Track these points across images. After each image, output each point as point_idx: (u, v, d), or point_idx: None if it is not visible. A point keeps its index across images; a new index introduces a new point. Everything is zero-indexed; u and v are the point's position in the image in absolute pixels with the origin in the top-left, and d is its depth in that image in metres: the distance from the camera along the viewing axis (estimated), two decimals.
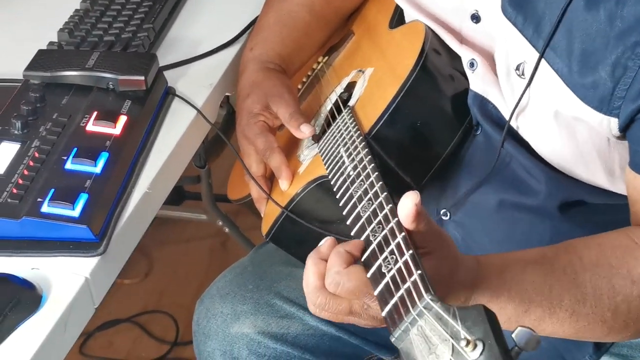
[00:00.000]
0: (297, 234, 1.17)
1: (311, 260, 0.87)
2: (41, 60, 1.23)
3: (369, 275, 0.82)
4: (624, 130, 0.97)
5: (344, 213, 0.94)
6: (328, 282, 0.85)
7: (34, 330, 0.93)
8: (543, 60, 1.00)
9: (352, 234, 0.90)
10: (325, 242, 0.88)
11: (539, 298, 0.92)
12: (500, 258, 0.95)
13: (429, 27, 1.14)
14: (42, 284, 0.98)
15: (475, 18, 1.09)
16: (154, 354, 2.09)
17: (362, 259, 0.85)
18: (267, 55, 1.30)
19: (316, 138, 1.23)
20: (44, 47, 1.31)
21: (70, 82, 1.21)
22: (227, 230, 2.01)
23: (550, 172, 1.07)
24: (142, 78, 1.19)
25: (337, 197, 0.99)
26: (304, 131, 1.19)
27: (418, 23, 1.16)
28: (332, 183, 1.04)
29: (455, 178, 1.14)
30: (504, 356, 0.67)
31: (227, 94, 1.34)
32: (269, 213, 1.21)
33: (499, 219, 1.13)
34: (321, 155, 1.13)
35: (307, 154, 1.20)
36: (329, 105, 1.25)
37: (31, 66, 1.22)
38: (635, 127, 0.95)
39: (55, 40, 1.35)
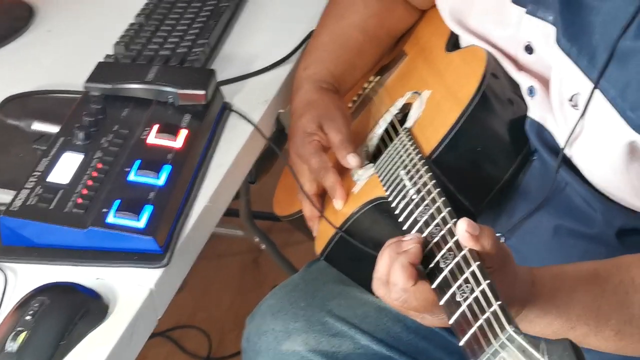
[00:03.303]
0: (352, 254, 1.17)
1: (389, 250, 0.90)
2: (101, 72, 1.24)
3: (442, 302, 0.83)
4: None
5: (404, 242, 0.94)
6: (394, 298, 0.88)
7: (101, 340, 0.93)
8: (597, 91, 1.00)
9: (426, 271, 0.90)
10: (413, 239, 0.91)
11: (586, 317, 0.93)
12: (553, 274, 0.95)
13: (490, 52, 1.15)
14: (107, 294, 0.98)
15: (529, 49, 1.10)
16: None
17: (428, 276, 0.87)
18: (321, 74, 1.31)
19: (369, 158, 1.23)
20: (100, 60, 1.31)
21: (130, 95, 1.21)
22: (263, 247, 2.01)
23: (605, 200, 1.07)
24: (203, 92, 1.20)
25: (400, 220, 1.00)
26: (350, 162, 1.19)
27: (478, 48, 1.17)
28: (392, 206, 1.04)
29: (511, 203, 1.14)
30: None
31: (280, 110, 1.34)
32: (323, 232, 1.21)
33: (554, 244, 1.13)
34: (379, 176, 1.13)
35: (362, 174, 1.20)
36: (382, 125, 1.25)
37: (92, 78, 1.23)
38: None
39: (112, 53, 1.36)
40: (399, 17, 1.38)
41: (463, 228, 0.84)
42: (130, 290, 0.99)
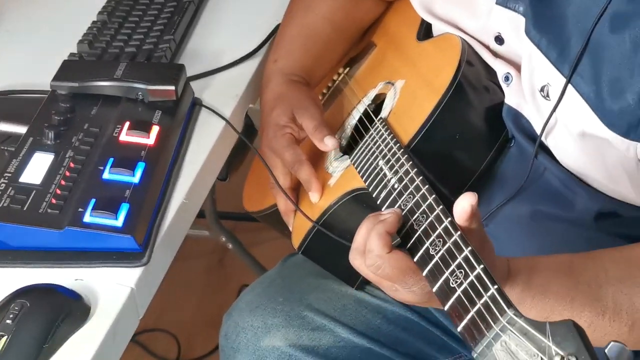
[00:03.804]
0: (330, 246, 1.16)
1: (367, 222, 0.92)
2: (67, 70, 1.21)
3: (435, 289, 0.83)
4: None
5: (383, 211, 0.95)
6: (369, 263, 0.90)
7: (84, 342, 0.91)
8: (570, 85, 1.00)
9: (407, 247, 0.90)
10: (391, 210, 0.93)
11: (560, 308, 0.93)
12: (528, 264, 0.95)
13: (464, 40, 1.14)
14: (88, 295, 0.96)
15: (499, 40, 1.10)
16: None
17: (416, 259, 0.87)
18: (291, 67, 1.30)
19: (342, 149, 1.22)
20: (65, 59, 1.28)
21: (98, 92, 1.19)
22: (230, 246, 1.99)
23: (584, 185, 1.08)
24: (173, 88, 1.18)
25: (383, 210, 0.99)
26: (328, 144, 1.18)
27: (452, 35, 1.16)
28: (374, 196, 1.03)
29: (489, 190, 1.14)
30: None
31: (250, 105, 1.33)
32: (299, 226, 1.20)
33: (533, 229, 1.13)
34: (356, 167, 1.12)
35: (337, 166, 1.19)
36: (355, 116, 1.24)
37: (58, 77, 1.20)
38: None
39: (75, 51, 1.33)
40: (366, 8, 1.38)
41: (469, 203, 0.84)
42: (111, 290, 0.97)
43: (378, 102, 1.23)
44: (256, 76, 1.34)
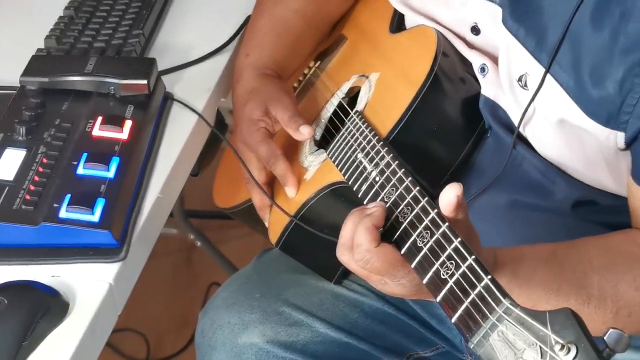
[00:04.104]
0: (308, 241, 1.15)
1: (353, 216, 0.92)
2: (36, 65, 1.19)
3: (425, 281, 0.83)
4: (630, 144, 0.98)
5: (368, 207, 0.94)
6: (357, 258, 0.89)
7: (64, 339, 0.90)
8: (548, 74, 1.00)
9: (393, 240, 0.90)
10: (376, 204, 0.92)
11: (547, 297, 0.93)
12: (513, 254, 0.95)
13: (439, 31, 1.14)
14: (66, 292, 0.94)
15: (475, 30, 1.10)
16: None
17: (403, 252, 0.87)
18: (263, 61, 1.29)
19: (317, 143, 1.21)
20: (32, 54, 1.27)
21: (69, 87, 1.17)
22: (199, 244, 1.98)
23: (562, 174, 1.08)
24: (145, 82, 1.17)
25: (365, 203, 0.99)
26: (303, 132, 1.17)
27: (427, 27, 1.16)
28: (354, 189, 1.02)
29: (466, 181, 1.13)
30: (599, 358, 0.67)
31: (221, 99, 1.32)
32: (276, 221, 1.19)
33: (511, 219, 1.13)
34: (333, 161, 1.12)
35: (313, 160, 1.18)
36: (329, 109, 1.24)
37: (27, 72, 1.18)
38: (639, 143, 0.96)
39: (43, 47, 1.31)
40: (337, 1, 1.37)
41: (455, 194, 0.83)
42: (89, 286, 0.96)
43: (352, 95, 1.23)
44: (227, 70, 1.32)
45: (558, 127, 1.02)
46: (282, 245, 1.17)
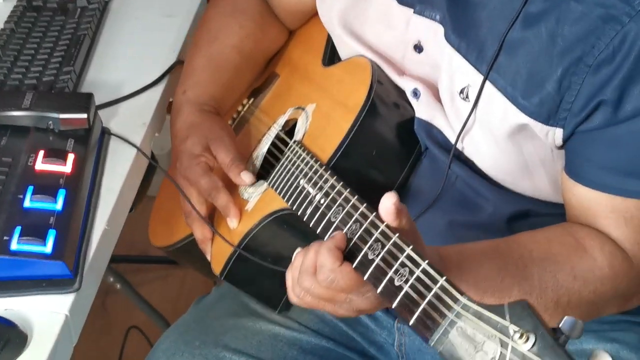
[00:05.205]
0: (253, 270, 1.17)
1: (314, 244, 0.93)
2: None
3: (379, 290, 0.86)
4: (566, 141, 1.04)
5: (326, 239, 0.96)
6: (322, 278, 0.91)
7: None
8: (488, 82, 1.05)
9: (344, 255, 0.92)
10: (337, 233, 0.94)
11: (492, 289, 0.98)
12: (457, 251, 1.00)
13: (373, 61, 1.18)
14: (22, 324, 0.93)
15: (418, 48, 1.14)
16: None
17: (354, 265, 0.90)
18: (201, 97, 1.30)
19: (256, 176, 1.23)
20: None
21: (6, 122, 1.16)
22: (118, 287, 1.96)
23: (495, 188, 1.13)
24: (85, 116, 1.17)
25: (312, 224, 1.01)
26: (245, 179, 1.19)
27: (360, 58, 1.20)
28: (299, 213, 1.05)
29: (406, 204, 1.17)
30: (557, 344, 0.70)
31: (155, 134, 1.32)
32: (219, 252, 1.20)
33: (448, 238, 1.16)
34: (275, 189, 1.14)
35: (253, 192, 1.20)
36: (267, 141, 1.26)
37: None
38: (575, 139, 1.03)
39: None
40: (272, 37, 1.39)
41: (391, 202, 0.86)
42: (46, 318, 0.95)
43: (287, 129, 1.25)
44: (160, 105, 1.33)
45: (498, 134, 1.06)
46: (227, 275, 1.18)
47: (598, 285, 1.01)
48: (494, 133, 1.07)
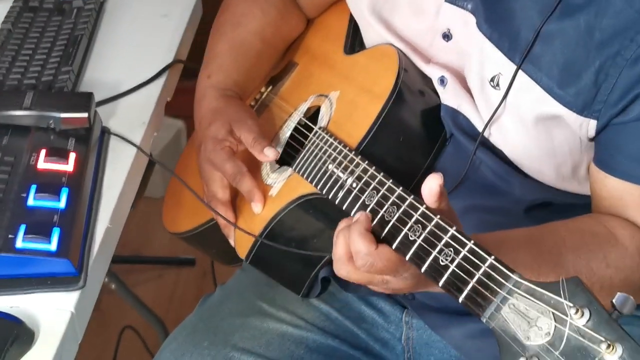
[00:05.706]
0: (279, 254, 1.18)
1: (342, 232, 0.95)
2: None
3: (423, 270, 0.88)
4: (599, 133, 1.06)
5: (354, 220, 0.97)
6: (360, 264, 0.92)
7: None
8: (520, 71, 1.06)
9: (381, 237, 0.94)
10: (358, 213, 0.96)
11: (528, 276, 0.98)
12: (493, 239, 1.01)
13: (399, 49, 1.19)
14: (29, 321, 0.94)
15: (447, 36, 1.15)
16: None
17: (394, 246, 0.92)
18: (225, 82, 1.31)
19: (279, 161, 1.24)
20: None
21: (7, 122, 1.17)
22: (113, 287, 1.96)
23: (519, 175, 1.14)
24: (86, 115, 1.17)
25: (344, 208, 1.03)
26: (268, 154, 1.19)
27: (386, 46, 1.20)
28: (329, 197, 1.06)
29: None
30: (611, 318, 0.74)
31: (154, 133, 1.33)
32: (243, 236, 1.21)
33: (466, 222, 1.17)
34: (302, 175, 1.15)
35: (277, 177, 1.21)
36: (289, 128, 1.26)
37: None
38: (609, 130, 1.04)
39: None
40: (293, 25, 1.40)
41: (437, 182, 0.88)
42: (51, 315, 0.96)
43: (309, 115, 1.26)
44: (158, 104, 1.34)
45: (529, 123, 1.07)
46: (252, 260, 1.19)
47: (629, 274, 1.03)
48: (524, 121, 1.08)
